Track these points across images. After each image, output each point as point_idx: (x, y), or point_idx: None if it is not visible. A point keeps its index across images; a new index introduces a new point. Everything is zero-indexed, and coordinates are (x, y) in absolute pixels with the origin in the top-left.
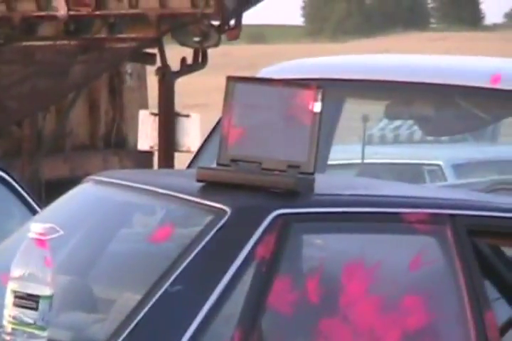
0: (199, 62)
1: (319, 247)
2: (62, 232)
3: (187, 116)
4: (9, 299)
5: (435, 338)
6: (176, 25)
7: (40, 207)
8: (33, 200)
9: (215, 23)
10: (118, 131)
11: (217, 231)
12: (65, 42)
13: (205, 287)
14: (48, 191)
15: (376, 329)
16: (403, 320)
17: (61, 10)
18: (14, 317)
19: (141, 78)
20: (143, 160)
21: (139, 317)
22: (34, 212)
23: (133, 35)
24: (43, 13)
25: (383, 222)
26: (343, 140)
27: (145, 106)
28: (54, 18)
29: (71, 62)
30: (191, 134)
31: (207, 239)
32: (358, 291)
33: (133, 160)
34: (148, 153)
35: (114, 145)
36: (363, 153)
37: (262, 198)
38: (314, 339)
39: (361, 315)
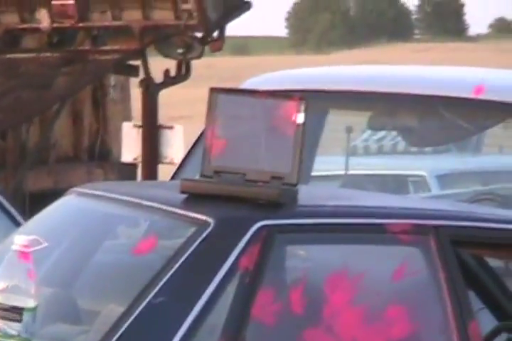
0: (182, 73)
1: (303, 258)
2: (45, 244)
3: (170, 127)
4: None
5: None
6: (159, 37)
7: (24, 220)
8: (17, 212)
9: (199, 34)
10: (102, 143)
11: (200, 242)
12: (49, 54)
13: (189, 298)
14: (32, 203)
15: (360, 340)
16: (387, 330)
17: (44, 22)
18: None
19: (125, 90)
20: (127, 172)
21: (122, 329)
22: (18, 225)
23: (116, 47)
24: (26, 26)
25: (367, 232)
26: (326, 151)
27: (128, 118)
28: (37, 30)
29: (54, 74)
30: (175, 146)
31: (190, 250)
32: (341, 302)
33: (117, 173)
34: (132, 165)
35: (98, 158)
36: (347, 164)
37: (246, 209)
38: None
39: (345, 325)
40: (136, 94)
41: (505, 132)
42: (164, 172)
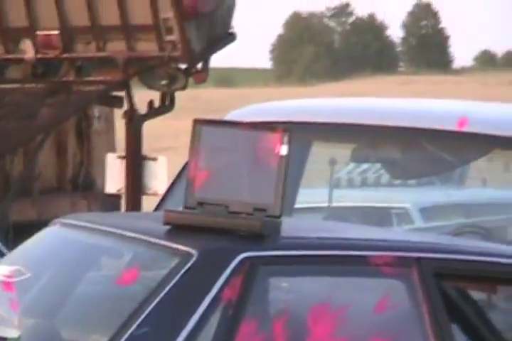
0: (166, 105)
1: (286, 290)
2: (28, 275)
3: (154, 159)
4: None
5: None
6: (143, 68)
7: (8, 250)
8: (1, 243)
9: (183, 66)
10: (86, 174)
11: (183, 274)
12: (33, 85)
13: (172, 330)
14: (16, 234)
15: None
16: None
17: (29, 53)
18: None
19: (109, 121)
20: (110, 203)
21: None
22: (1, 255)
23: (100, 78)
24: (10, 56)
25: (349, 264)
26: (310, 183)
27: (113, 149)
28: (22, 60)
29: (39, 104)
30: (158, 177)
31: (173, 282)
32: (324, 334)
33: (100, 203)
34: (116, 196)
35: (82, 188)
36: (330, 197)
37: (229, 241)
38: None
39: None
40: (120, 124)
41: (489, 165)
42: (148, 203)
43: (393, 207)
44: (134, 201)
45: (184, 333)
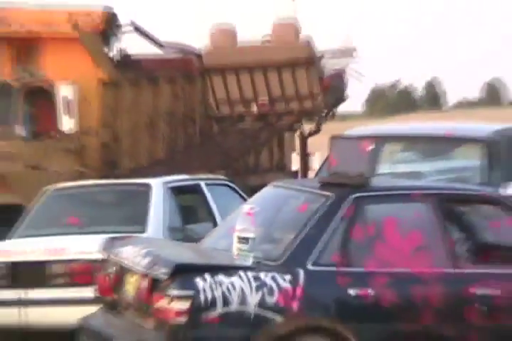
0: (316, 129)
1: (374, 213)
2: (258, 209)
3: (313, 154)
4: (235, 240)
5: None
6: (306, 115)
7: (246, 200)
8: (244, 197)
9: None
10: (281, 162)
11: (328, 205)
12: (257, 124)
13: (321, 232)
14: (251, 194)
15: (404, 249)
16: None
17: (255, 110)
18: (238, 248)
19: (291, 137)
20: (292, 176)
21: (294, 247)
22: (245, 201)
23: (288, 119)
24: (248, 111)
25: (407, 198)
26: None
27: (294, 150)
28: (252, 113)
29: (259, 131)
30: (314, 163)
31: (323, 209)
32: (397, 234)
33: (289, 176)
34: (295, 172)
35: (280, 169)
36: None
37: (347, 189)
38: (374, 255)
39: (398, 244)
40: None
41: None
42: (311, 175)
43: (412, 171)
44: (304, 174)
45: (328, 232)
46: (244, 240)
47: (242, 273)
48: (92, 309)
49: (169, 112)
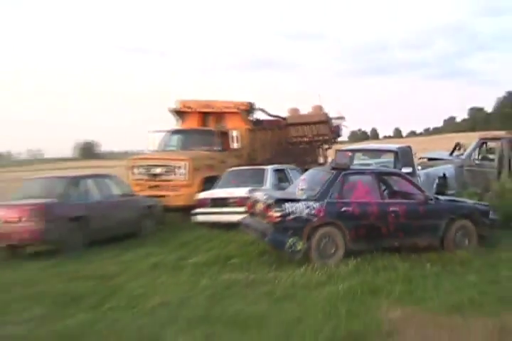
0: (330, 147)
1: (354, 179)
2: (306, 177)
3: (329, 156)
4: (298, 188)
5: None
6: (330, 139)
7: (301, 175)
8: (301, 174)
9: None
10: (315, 159)
11: (333, 176)
12: (307, 145)
13: (331, 186)
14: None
15: (364, 192)
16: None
17: (305, 139)
18: (299, 192)
19: (320, 149)
20: (320, 165)
21: (320, 192)
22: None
23: (320, 138)
24: (302, 140)
25: (365, 173)
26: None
27: (320, 155)
28: (304, 140)
29: (302, 148)
30: (329, 160)
31: (332, 177)
32: (361, 187)
33: (318, 165)
34: (321, 164)
35: (314, 162)
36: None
37: (341, 170)
38: (352, 195)
39: (361, 190)
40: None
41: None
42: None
43: (366, 163)
44: (324, 164)
45: (333, 188)
46: (301, 189)
47: (301, 201)
48: (244, 215)
49: (274, 140)
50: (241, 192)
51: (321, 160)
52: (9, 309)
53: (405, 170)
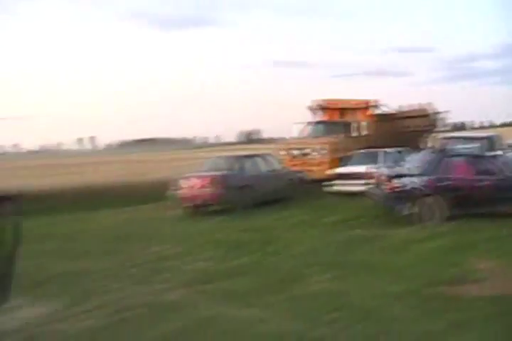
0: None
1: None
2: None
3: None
4: (411, 167)
5: None
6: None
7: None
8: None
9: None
10: (417, 144)
11: (435, 156)
12: (414, 134)
13: (433, 165)
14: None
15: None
16: None
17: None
18: (411, 170)
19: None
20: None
21: (423, 170)
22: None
23: (419, 129)
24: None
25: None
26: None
27: (422, 142)
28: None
29: (416, 135)
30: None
31: (434, 158)
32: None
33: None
34: (421, 148)
35: (417, 147)
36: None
37: (442, 151)
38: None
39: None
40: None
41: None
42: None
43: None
44: (424, 149)
45: (434, 167)
46: (414, 167)
47: (414, 176)
48: (369, 186)
49: (391, 129)
50: (361, 168)
51: (426, 145)
52: (198, 250)
53: (494, 153)
